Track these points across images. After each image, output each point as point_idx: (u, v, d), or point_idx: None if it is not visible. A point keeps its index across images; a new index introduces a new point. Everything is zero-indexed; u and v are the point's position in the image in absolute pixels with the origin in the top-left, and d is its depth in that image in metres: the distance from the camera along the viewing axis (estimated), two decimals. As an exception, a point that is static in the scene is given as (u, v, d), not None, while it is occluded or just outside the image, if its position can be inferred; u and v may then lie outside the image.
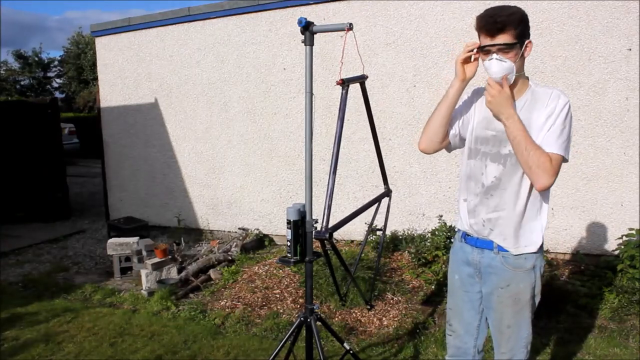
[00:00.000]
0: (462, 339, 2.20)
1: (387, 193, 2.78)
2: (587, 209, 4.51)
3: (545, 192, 1.93)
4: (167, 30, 6.20)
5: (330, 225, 2.06)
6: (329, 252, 2.36)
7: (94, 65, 11.00)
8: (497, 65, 1.82)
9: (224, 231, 6.16)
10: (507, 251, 1.97)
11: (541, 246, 1.98)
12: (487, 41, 1.83)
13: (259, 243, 5.70)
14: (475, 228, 2.03)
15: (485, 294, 2.07)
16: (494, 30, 1.81)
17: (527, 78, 1.94)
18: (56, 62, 28.32)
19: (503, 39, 1.80)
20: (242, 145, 5.94)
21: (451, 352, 2.27)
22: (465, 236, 2.10)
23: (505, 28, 1.79)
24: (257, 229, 5.87)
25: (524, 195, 1.93)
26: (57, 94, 27.72)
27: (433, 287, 4.14)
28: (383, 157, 2.75)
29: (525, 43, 1.84)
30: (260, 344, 3.46)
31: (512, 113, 1.83)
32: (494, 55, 1.82)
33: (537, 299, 2.04)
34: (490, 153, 1.97)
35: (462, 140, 2.10)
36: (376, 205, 2.72)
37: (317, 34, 2.16)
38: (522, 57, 1.86)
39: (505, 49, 1.81)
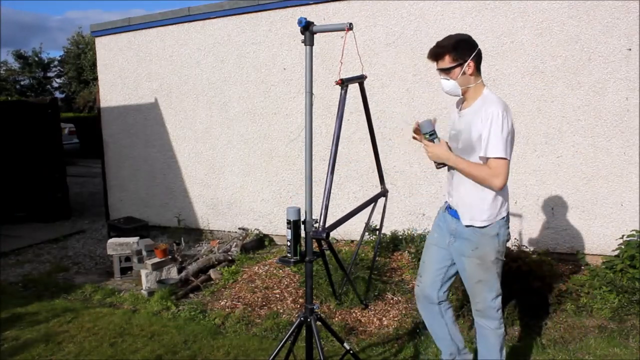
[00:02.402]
0: (427, 290, 2.64)
1: (384, 193, 2.79)
2: (587, 209, 4.51)
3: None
4: (167, 30, 6.20)
5: (327, 225, 2.07)
6: (325, 251, 2.37)
7: (94, 65, 11.00)
8: (445, 83, 2.37)
9: (224, 231, 6.16)
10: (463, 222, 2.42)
11: (501, 220, 2.39)
12: (435, 66, 2.37)
13: (259, 243, 5.70)
14: (451, 202, 2.52)
15: (458, 256, 2.49)
16: (433, 58, 2.35)
17: (483, 86, 2.36)
18: (56, 62, 28.34)
19: (442, 64, 2.33)
20: (242, 145, 5.94)
21: (420, 303, 2.71)
22: (448, 207, 2.55)
23: (441, 55, 2.31)
24: (257, 229, 5.87)
25: (469, 182, 2.37)
26: (57, 94, 27.72)
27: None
28: (384, 157, 2.76)
29: (467, 63, 2.28)
30: (260, 344, 3.46)
31: (449, 157, 2.37)
32: (442, 76, 2.36)
33: (501, 260, 2.46)
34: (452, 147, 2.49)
35: None
36: (372, 205, 2.73)
37: (317, 34, 2.17)
38: (465, 74, 2.31)
39: (445, 70, 2.32)
